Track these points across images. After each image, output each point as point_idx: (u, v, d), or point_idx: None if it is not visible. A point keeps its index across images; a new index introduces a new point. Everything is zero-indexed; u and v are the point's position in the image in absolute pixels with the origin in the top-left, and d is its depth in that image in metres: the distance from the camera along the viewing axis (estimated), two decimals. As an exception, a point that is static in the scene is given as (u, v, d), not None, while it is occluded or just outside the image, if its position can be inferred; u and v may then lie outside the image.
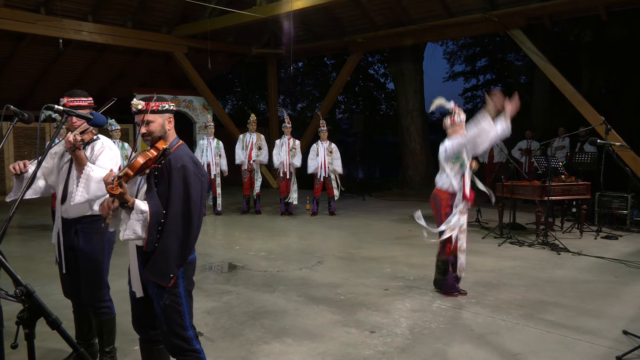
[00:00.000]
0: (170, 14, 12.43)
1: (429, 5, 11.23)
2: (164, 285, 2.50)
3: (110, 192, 2.36)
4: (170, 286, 2.51)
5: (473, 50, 20.29)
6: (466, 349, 3.68)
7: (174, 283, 2.51)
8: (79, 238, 3.19)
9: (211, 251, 6.88)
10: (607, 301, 4.75)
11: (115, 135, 8.98)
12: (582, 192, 7.64)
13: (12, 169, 3.01)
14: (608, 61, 14.42)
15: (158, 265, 2.48)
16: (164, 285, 2.49)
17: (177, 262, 2.50)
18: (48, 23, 10.53)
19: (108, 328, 3.31)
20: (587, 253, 6.61)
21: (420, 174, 14.35)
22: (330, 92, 14.65)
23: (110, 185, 2.35)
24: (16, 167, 3.01)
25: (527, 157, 11.35)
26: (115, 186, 2.34)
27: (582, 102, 9.83)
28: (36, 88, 13.37)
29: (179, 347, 2.56)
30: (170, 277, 2.49)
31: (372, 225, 8.91)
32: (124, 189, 2.39)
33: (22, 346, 1.63)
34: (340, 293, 5.02)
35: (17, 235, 7.98)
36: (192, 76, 13.50)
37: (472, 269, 5.89)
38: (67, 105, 3.04)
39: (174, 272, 2.50)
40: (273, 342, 3.81)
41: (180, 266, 2.53)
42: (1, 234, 1.86)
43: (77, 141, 2.96)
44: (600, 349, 3.66)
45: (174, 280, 2.51)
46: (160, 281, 2.49)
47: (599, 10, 9.66)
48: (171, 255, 2.48)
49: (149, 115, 2.56)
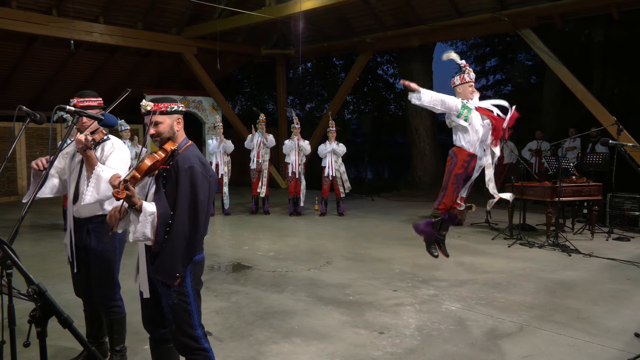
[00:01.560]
0: (179, 15, 12.51)
1: (438, 5, 11.19)
2: (170, 284, 2.51)
3: (115, 196, 2.38)
4: (177, 285, 2.52)
5: (483, 50, 20.18)
6: (475, 351, 3.66)
7: (180, 282, 2.52)
8: (90, 237, 3.22)
9: (220, 251, 6.91)
10: (619, 303, 4.71)
11: (125, 135, 9.05)
12: (593, 193, 7.57)
13: (34, 165, 3.05)
14: (620, 61, 14.27)
15: (164, 264, 2.50)
16: (169, 284, 2.51)
17: (183, 262, 2.52)
18: (60, 24, 10.63)
19: (118, 327, 3.34)
20: (598, 255, 6.55)
21: (430, 174, 14.30)
22: (339, 93, 14.65)
23: (116, 189, 2.36)
24: (39, 163, 3.05)
25: (537, 157, 11.28)
26: (121, 190, 2.36)
27: (593, 102, 9.75)
28: (48, 89, 13.49)
29: (188, 346, 2.57)
30: (176, 277, 2.50)
31: (381, 225, 8.89)
32: (131, 191, 2.40)
33: (34, 344, 1.65)
34: (348, 293, 5.02)
35: (29, 235, 8.06)
36: (202, 77, 13.56)
37: (481, 270, 5.87)
38: (77, 106, 3.06)
39: (180, 271, 2.51)
40: (282, 342, 3.82)
41: (186, 266, 2.54)
42: (13, 233, 1.88)
43: (88, 141, 2.99)
44: (612, 352, 3.62)
45: (180, 279, 2.52)
46: (166, 280, 2.51)
47: (611, 9, 9.56)
48: (177, 255, 2.49)
49: (158, 117, 2.57)
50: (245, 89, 23.55)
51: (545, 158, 8.78)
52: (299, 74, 18.68)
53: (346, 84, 14.60)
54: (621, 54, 13.99)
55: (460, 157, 4.72)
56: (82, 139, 2.98)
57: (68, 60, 12.52)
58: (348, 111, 22.36)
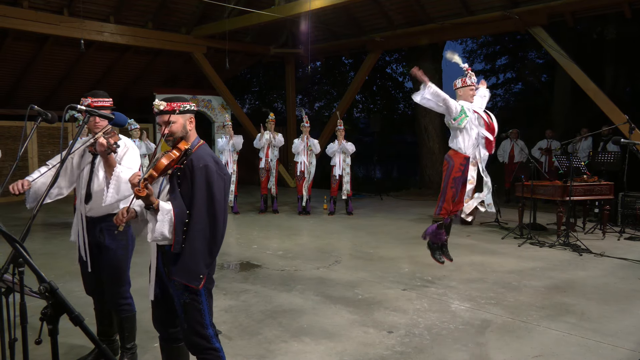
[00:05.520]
0: (189, 15, 12.56)
1: (448, 4, 11.13)
2: (194, 287, 2.49)
3: (137, 194, 2.38)
4: (201, 287, 2.51)
5: (493, 48, 20.05)
6: (485, 350, 3.65)
7: (203, 284, 2.51)
8: (104, 235, 3.24)
9: (229, 250, 6.93)
10: (630, 303, 4.66)
11: (135, 134, 9.11)
12: (604, 192, 7.50)
13: (12, 189, 2.93)
14: (632, 59, 14.12)
15: (187, 266, 2.47)
16: (193, 287, 2.49)
17: (206, 262, 2.51)
18: (71, 24, 10.72)
19: (129, 325, 3.36)
20: (609, 254, 6.49)
21: (439, 173, 14.22)
22: (348, 92, 14.63)
23: (137, 187, 2.37)
24: (15, 187, 2.95)
25: (547, 156, 11.21)
26: (142, 188, 2.36)
27: (605, 101, 9.66)
28: (59, 88, 13.61)
29: (199, 345, 2.58)
30: (200, 278, 2.49)
31: (390, 224, 8.87)
32: (150, 190, 2.41)
33: (45, 342, 1.67)
34: (357, 292, 5.02)
35: (41, 233, 8.14)
36: (211, 76, 13.61)
37: (491, 270, 5.83)
38: (91, 106, 3.09)
39: (204, 272, 2.50)
40: (291, 341, 3.82)
41: (209, 266, 2.53)
42: (25, 232, 1.90)
43: (111, 145, 2.99)
44: (623, 352, 3.59)
45: (204, 280, 2.51)
46: (189, 283, 2.48)
47: (623, 7, 9.46)
48: (200, 256, 2.48)
49: (171, 116, 2.58)
50: (255, 88, 23.60)
51: (556, 157, 8.72)
52: (308, 73, 18.67)
53: (355, 82, 14.57)
54: (633, 52, 13.83)
55: (457, 161, 4.80)
56: (104, 142, 2.97)
57: (79, 60, 12.62)
58: (357, 110, 22.32)
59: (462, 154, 4.83)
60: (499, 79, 20.95)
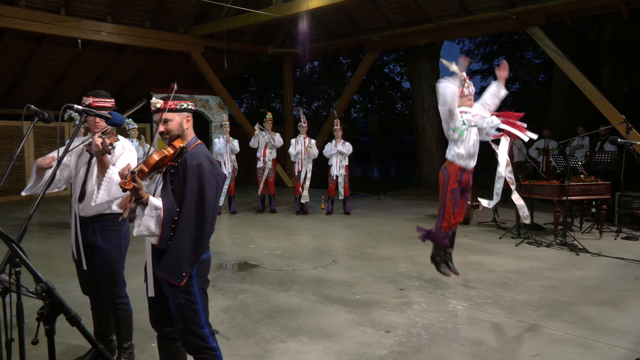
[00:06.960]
0: (187, 14, 12.53)
1: (445, 3, 11.15)
2: (176, 284, 2.50)
3: (122, 187, 2.37)
4: (184, 285, 2.51)
5: (490, 48, 20.06)
6: (482, 350, 3.65)
7: (186, 282, 2.51)
8: (96, 236, 3.23)
9: (226, 250, 6.92)
10: (627, 303, 4.67)
11: (133, 134, 9.09)
12: (601, 192, 7.52)
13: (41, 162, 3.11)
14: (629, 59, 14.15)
15: (171, 263, 2.48)
16: (176, 284, 2.49)
17: (190, 261, 2.50)
18: (68, 24, 10.69)
19: (125, 324, 3.35)
20: (606, 254, 6.51)
21: (437, 173, 14.17)
22: (346, 91, 14.64)
23: (123, 180, 2.36)
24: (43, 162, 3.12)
25: (544, 156, 11.23)
26: (129, 181, 2.35)
27: (602, 101, 9.68)
28: (56, 88, 13.56)
29: (195, 345, 2.58)
30: (183, 276, 2.49)
31: (388, 224, 8.87)
32: (139, 184, 2.39)
33: (42, 342, 1.66)
34: (355, 292, 5.02)
35: (37, 233, 8.12)
36: (209, 76, 13.60)
37: (489, 270, 5.84)
38: (93, 105, 3.08)
39: (187, 270, 2.50)
40: (288, 341, 3.82)
41: (193, 265, 2.53)
42: (22, 232, 1.89)
43: (106, 145, 2.98)
44: (620, 351, 3.60)
45: (187, 278, 2.51)
46: (172, 279, 2.48)
47: (620, 7, 9.49)
48: (184, 254, 2.48)
49: (167, 114, 2.58)
50: (252, 88, 23.58)
51: (553, 157, 8.73)
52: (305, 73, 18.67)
53: (353, 82, 14.58)
54: (630, 52, 13.86)
55: (452, 171, 4.83)
56: (99, 143, 2.96)
57: (76, 59, 12.58)
58: (355, 110, 22.33)
59: (457, 165, 4.86)
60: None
